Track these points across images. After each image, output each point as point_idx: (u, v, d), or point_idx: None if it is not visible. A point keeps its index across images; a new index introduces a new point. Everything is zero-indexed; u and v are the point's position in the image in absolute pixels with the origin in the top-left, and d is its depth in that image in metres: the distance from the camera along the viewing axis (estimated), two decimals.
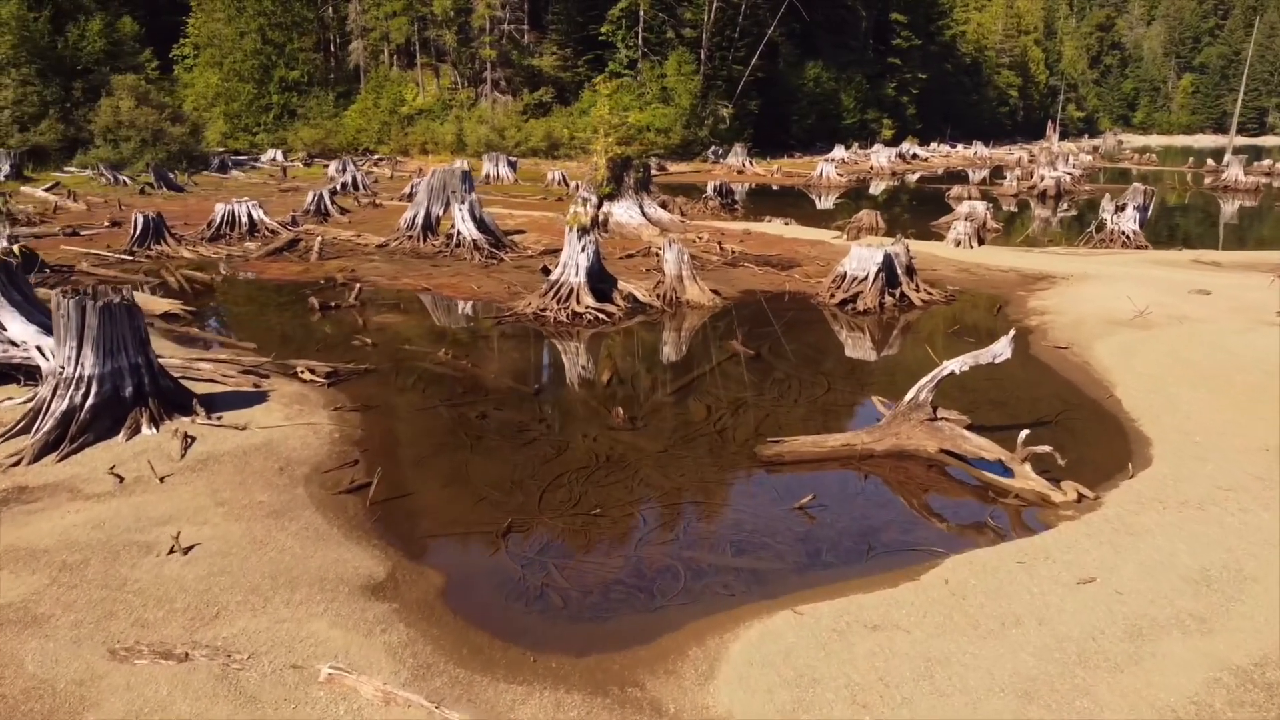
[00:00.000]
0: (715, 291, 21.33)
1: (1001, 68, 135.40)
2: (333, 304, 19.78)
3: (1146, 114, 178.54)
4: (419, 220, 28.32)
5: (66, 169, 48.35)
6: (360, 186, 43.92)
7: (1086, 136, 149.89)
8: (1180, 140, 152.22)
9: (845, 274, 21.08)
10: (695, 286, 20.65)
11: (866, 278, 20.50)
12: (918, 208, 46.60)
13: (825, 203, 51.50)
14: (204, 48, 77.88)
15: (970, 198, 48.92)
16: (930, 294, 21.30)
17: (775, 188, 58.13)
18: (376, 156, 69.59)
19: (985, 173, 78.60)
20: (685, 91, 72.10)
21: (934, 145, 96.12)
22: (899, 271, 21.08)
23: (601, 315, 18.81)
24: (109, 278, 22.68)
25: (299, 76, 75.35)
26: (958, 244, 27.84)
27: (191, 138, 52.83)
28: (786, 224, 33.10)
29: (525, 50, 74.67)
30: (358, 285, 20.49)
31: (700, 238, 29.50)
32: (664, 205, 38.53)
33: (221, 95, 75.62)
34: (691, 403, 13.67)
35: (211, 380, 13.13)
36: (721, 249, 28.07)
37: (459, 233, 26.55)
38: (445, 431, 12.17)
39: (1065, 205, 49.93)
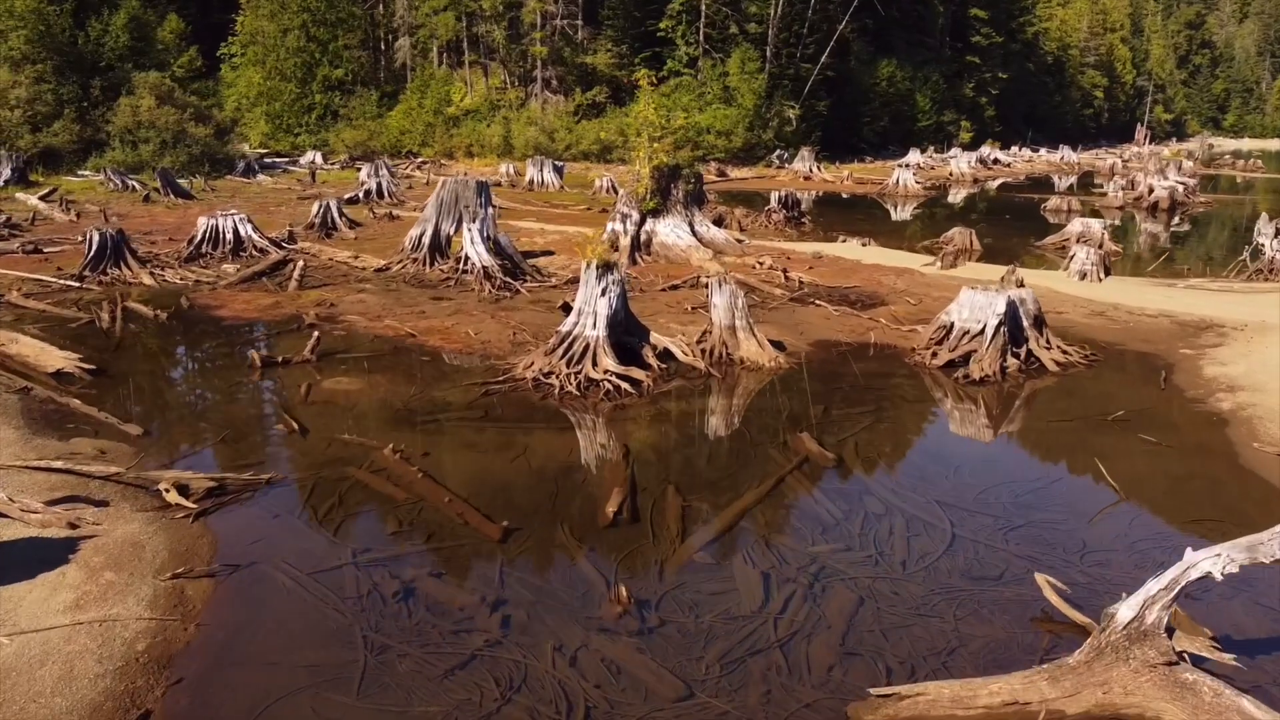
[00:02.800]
0: (778, 344, 16.37)
1: (1086, 67, 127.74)
2: (280, 359, 15.24)
3: (1238, 116, 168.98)
4: (425, 240, 23.79)
5: (81, 172, 45.03)
6: (387, 194, 39.68)
7: (1175, 140, 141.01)
8: (1275, 144, 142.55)
9: (952, 325, 15.97)
10: (752, 341, 15.70)
11: (983, 332, 15.36)
12: (1012, 222, 40.95)
13: (902, 213, 46.11)
14: (248, 46, 74.88)
15: (1071, 210, 43.23)
16: (1066, 354, 16.07)
17: (845, 196, 52.78)
18: (420, 160, 65.79)
19: (1073, 179, 72.22)
20: (749, 91, 66.92)
21: (1015, 149, 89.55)
22: (1024, 323, 15.90)
23: (624, 385, 13.97)
24: (33, 312, 18.49)
25: (343, 75, 71.84)
26: (1082, 276, 22.46)
27: (217, 139, 49.21)
28: (865, 245, 27.93)
29: (578, 47, 70.17)
30: (316, 334, 15.91)
31: (760, 263, 24.52)
32: (719, 220, 33.58)
33: (264, 95, 72.51)
34: (738, 566, 8.73)
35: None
36: (787, 279, 23.07)
37: (467, 258, 21.92)
38: (333, 634, 7.42)
39: (1179, 220, 43.85)
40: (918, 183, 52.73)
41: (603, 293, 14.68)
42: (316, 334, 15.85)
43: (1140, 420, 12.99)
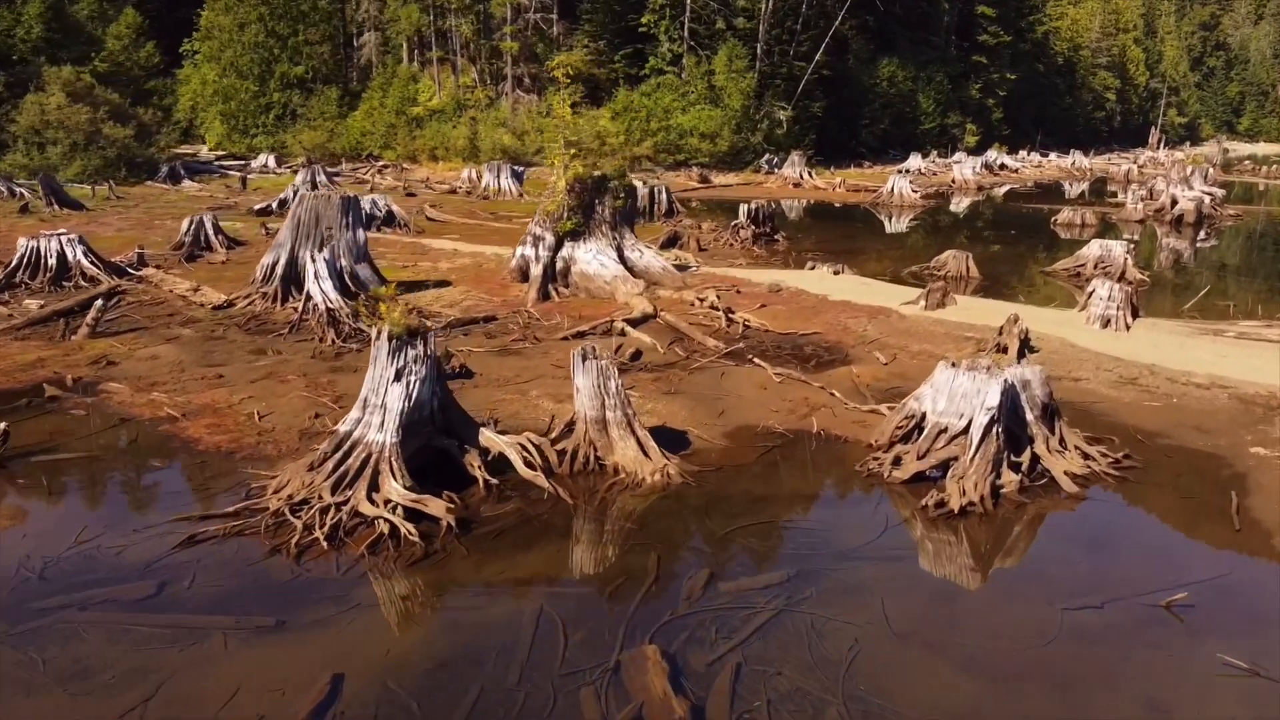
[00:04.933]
0: (678, 439, 11.47)
1: (1098, 68, 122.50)
2: None
3: (1253, 120, 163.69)
4: (278, 271, 18.93)
5: None
6: None
7: (1188, 144, 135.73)
8: None
9: (923, 418, 11.05)
10: (629, 441, 10.77)
11: (967, 432, 10.42)
12: (1018, 239, 35.97)
13: (898, 224, 41.19)
14: (203, 41, 70.24)
15: (1085, 224, 38.29)
16: (1088, 459, 11.09)
17: (838, 205, 47.83)
18: (381, 163, 61.12)
19: (1085, 186, 67.17)
20: (736, 91, 61.94)
21: (1023, 153, 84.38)
22: (1028, 415, 10.96)
23: (408, 531, 9.04)
24: None
25: (303, 73, 67.12)
26: (1105, 323, 17.47)
27: (138, 141, 44.44)
28: (837, 273, 22.93)
29: (553, 43, 65.27)
30: (3, 426, 11.04)
31: (700, 299, 19.62)
32: (674, 239, 28.77)
33: (219, 93, 67.86)
34: None
35: None
36: (730, 322, 18.18)
37: (308, 297, 17.02)
38: None
39: (1205, 235, 38.82)
40: (914, 190, 47.71)
41: (398, 376, 9.80)
42: (4, 426, 10.97)
43: (1212, 605, 8.06)
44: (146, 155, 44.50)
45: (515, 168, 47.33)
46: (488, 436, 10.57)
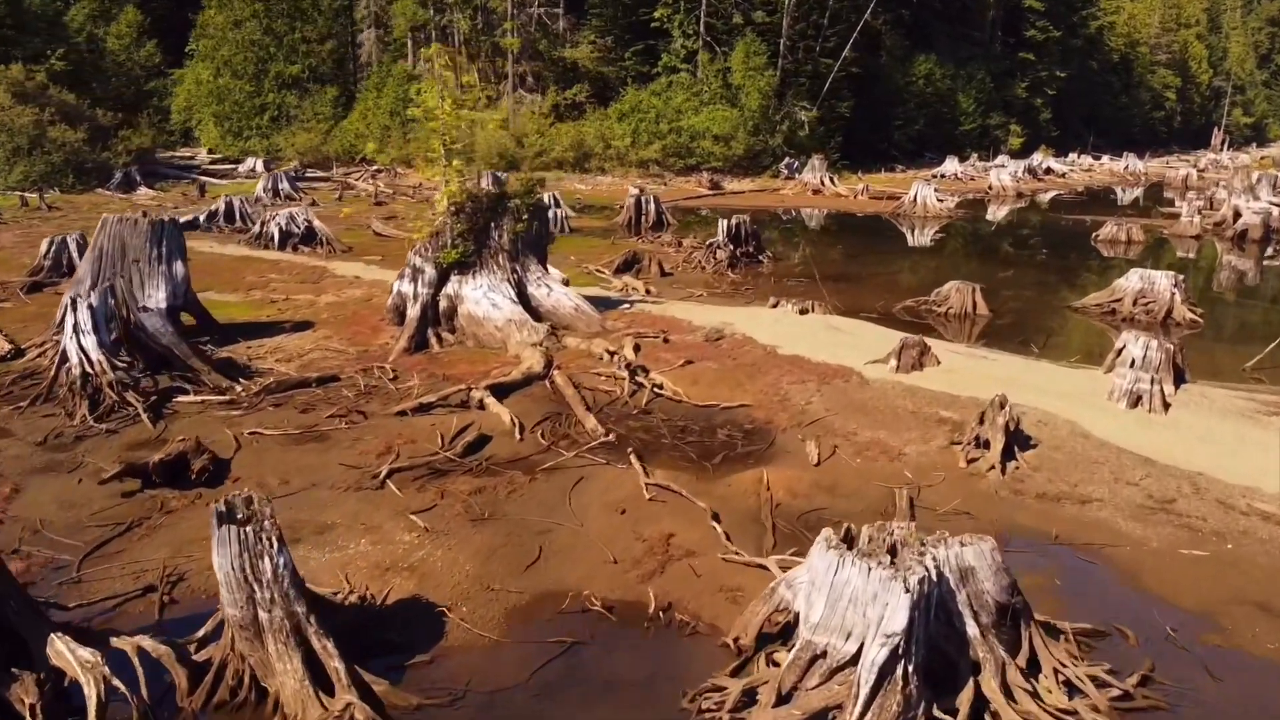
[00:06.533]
0: (398, 651, 7.20)
1: (1157, 66, 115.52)
2: None
3: None
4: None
5: None
6: (240, 217, 30.99)
7: (1255, 145, 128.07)
8: None
9: (799, 619, 6.64)
10: (293, 663, 6.43)
11: (856, 661, 6.00)
12: (1049, 260, 31.05)
13: (917, 239, 36.50)
14: (198, 39, 67.40)
15: (1131, 241, 33.26)
16: (1078, 695, 6.58)
17: (859, 215, 43.14)
18: (376, 167, 57.62)
19: (1139, 192, 61.55)
20: (754, 89, 57.27)
21: (1073, 156, 78.51)
22: (970, 627, 6.48)
23: None
24: None
25: (299, 72, 63.81)
26: (1135, 401, 12.77)
27: (89, 145, 41.06)
28: (804, 311, 18.35)
29: (557, 39, 61.12)
30: None
31: (611, 352, 15.25)
32: (631, 262, 24.44)
33: (212, 94, 64.82)
34: None
35: None
36: (636, 384, 13.84)
37: (64, 356, 12.95)
38: None
39: (1272, 253, 33.55)
40: (940, 199, 42.73)
41: None
42: None
43: None
44: (99, 160, 41.11)
45: (496, 174, 43.18)
46: (61, 646, 6.36)
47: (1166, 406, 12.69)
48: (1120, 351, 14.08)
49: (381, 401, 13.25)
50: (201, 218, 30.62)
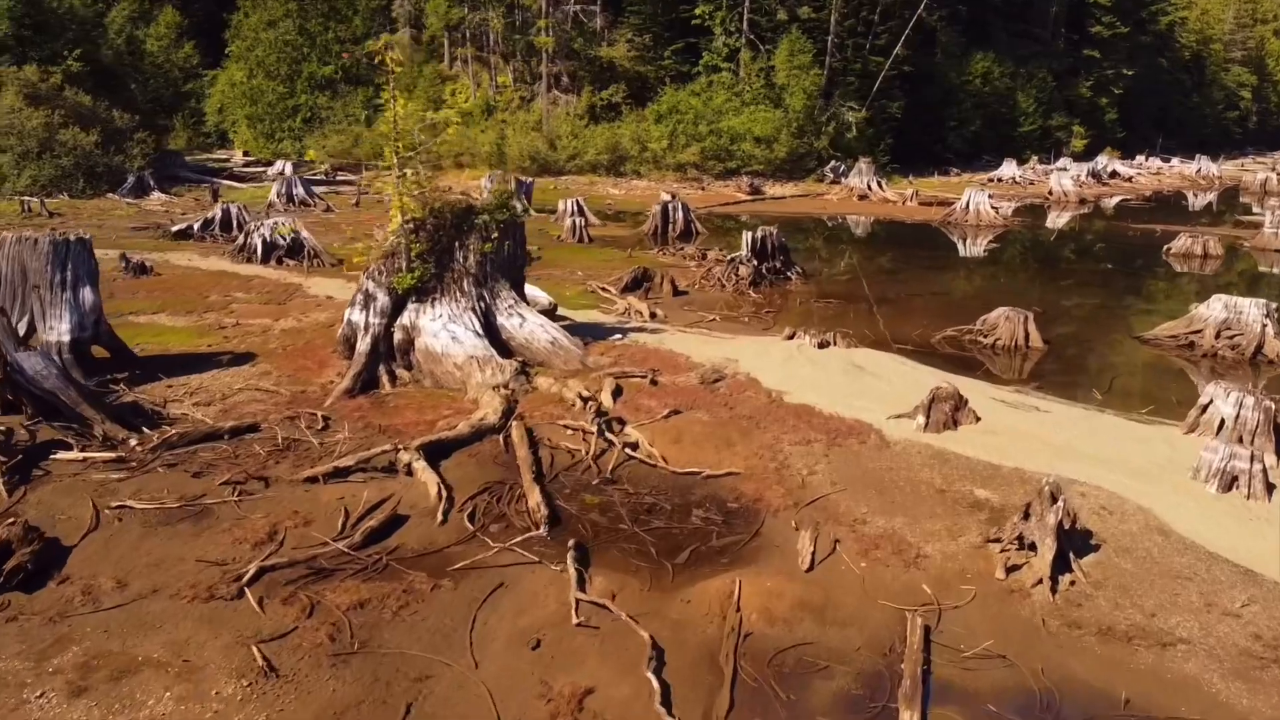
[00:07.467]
0: None
1: (1231, 63, 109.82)
2: None
3: None
4: None
5: None
6: (236, 224, 29.12)
7: None
8: None
9: None
10: None
11: None
12: (1113, 275, 27.94)
13: (970, 249, 33.61)
14: (232, 40, 66.51)
15: (1208, 256, 30.02)
16: None
17: (907, 223, 40.23)
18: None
19: (1212, 197, 57.51)
20: (799, 89, 54.44)
21: (1140, 159, 74.21)
22: None
23: None
24: None
25: (332, 73, 62.47)
26: (1230, 484, 10.02)
27: (101, 148, 39.69)
28: (822, 345, 15.77)
29: (593, 38, 58.86)
30: None
31: (584, 397, 12.81)
32: (640, 280, 22.04)
33: (245, 96, 63.79)
34: None
35: None
36: (606, 443, 11.41)
37: None
38: None
39: None
40: (994, 207, 39.62)
41: None
42: None
43: None
44: (112, 163, 39.73)
45: (522, 179, 41.05)
46: None
47: (1270, 489, 9.91)
48: (1206, 408, 11.31)
49: (294, 462, 10.97)
50: (196, 226, 28.82)
